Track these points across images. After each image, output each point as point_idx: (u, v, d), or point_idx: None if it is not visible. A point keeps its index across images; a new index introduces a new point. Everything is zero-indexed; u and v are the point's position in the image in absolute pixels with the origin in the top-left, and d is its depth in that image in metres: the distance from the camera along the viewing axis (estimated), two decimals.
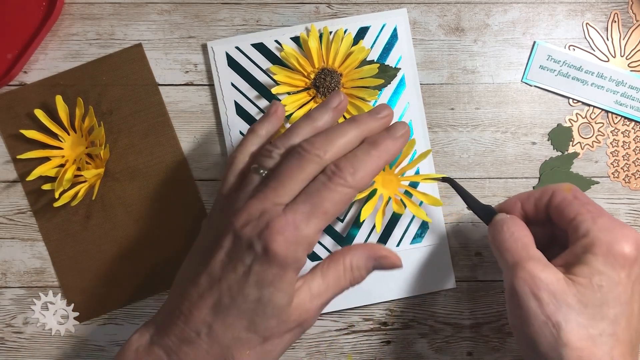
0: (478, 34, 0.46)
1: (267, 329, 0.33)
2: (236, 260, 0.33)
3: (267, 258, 0.32)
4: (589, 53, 0.46)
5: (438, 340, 0.46)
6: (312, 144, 0.34)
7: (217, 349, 0.33)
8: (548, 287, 0.34)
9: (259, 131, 0.38)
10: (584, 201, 0.37)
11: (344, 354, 0.46)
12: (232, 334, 0.33)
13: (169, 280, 0.46)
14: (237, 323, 0.33)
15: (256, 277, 0.33)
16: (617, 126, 0.46)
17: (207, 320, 0.33)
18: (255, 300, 0.33)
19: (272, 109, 0.39)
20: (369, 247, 0.37)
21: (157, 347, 0.34)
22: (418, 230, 0.46)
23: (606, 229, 0.35)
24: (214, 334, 0.33)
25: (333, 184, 0.33)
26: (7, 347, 0.46)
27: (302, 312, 0.34)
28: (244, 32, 0.46)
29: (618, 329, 0.34)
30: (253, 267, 0.33)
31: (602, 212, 0.36)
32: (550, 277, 0.34)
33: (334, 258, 0.36)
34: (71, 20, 0.46)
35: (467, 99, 0.46)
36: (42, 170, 0.44)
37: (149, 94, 0.46)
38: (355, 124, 0.36)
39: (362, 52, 0.44)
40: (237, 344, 0.33)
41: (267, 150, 0.36)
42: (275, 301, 0.33)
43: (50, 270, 0.46)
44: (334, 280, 0.35)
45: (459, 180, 0.46)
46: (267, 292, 0.33)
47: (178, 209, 0.46)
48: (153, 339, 0.34)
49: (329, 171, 0.34)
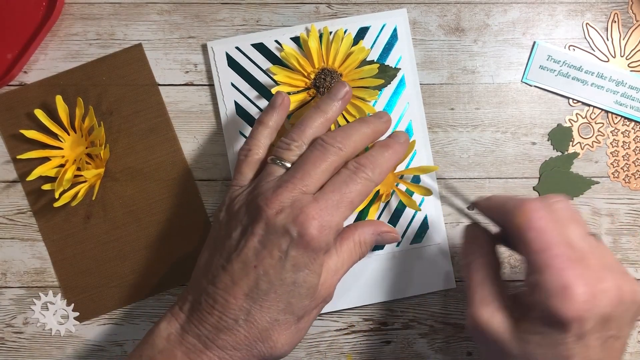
0: (478, 34, 0.46)
1: (302, 308, 0.36)
2: (271, 246, 0.35)
3: (303, 242, 0.35)
4: (589, 53, 0.46)
5: (438, 340, 0.46)
6: (333, 137, 0.38)
7: (255, 332, 0.35)
8: (494, 336, 0.34)
9: (268, 122, 0.40)
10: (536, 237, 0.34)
11: (344, 354, 0.46)
12: (270, 317, 0.35)
13: (169, 280, 0.46)
14: (275, 306, 0.35)
15: (293, 261, 0.35)
16: (617, 126, 0.46)
17: (244, 306, 0.35)
18: (291, 282, 0.35)
19: (277, 100, 0.41)
20: (372, 223, 0.40)
21: (190, 336, 0.35)
22: (418, 231, 0.46)
23: (549, 289, 0.32)
24: (252, 319, 0.35)
25: (358, 177, 0.37)
26: (7, 347, 0.46)
27: (326, 288, 0.37)
28: (244, 32, 0.46)
29: None
30: (290, 251, 0.35)
31: (551, 260, 0.33)
32: (495, 328, 0.34)
33: (344, 235, 0.39)
34: (71, 20, 0.46)
35: (467, 99, 0.46)
36: (42, 170, 0.44)
37: (149, 94, 0.46)
38: (366, 123, 0.39)
39: (362, 52, 0.44)
40: (275, 326, 0.35)
41: (284, 143, 0.39)
42: (309, 282, 0.36)
43: (50, 270, 0.46)
44: (348, 256, 0.38)
45: (459, 180, 0.46)
46: (303, 275, 0.35)
47: (178, 209, 0.46)
48: (184, 328, 0.36)
49: (352, 166, 0.37)
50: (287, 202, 0.35)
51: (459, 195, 0.45)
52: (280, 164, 0.38)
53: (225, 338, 0.35)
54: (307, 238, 0.35)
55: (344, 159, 0.38)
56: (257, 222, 0.36)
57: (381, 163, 0.38)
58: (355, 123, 0.39)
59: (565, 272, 0.32)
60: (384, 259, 0.45)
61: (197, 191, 0.46)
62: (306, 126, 0.39)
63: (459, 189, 0.46)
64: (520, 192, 0.46)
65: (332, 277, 0.38)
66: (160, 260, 0.46)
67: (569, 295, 0.32)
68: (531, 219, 0.34)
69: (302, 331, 0.37)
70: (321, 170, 0.37)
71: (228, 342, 0.35)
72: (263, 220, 0.35)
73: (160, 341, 0.36)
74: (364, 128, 0.39)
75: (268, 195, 0.36)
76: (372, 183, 0.37)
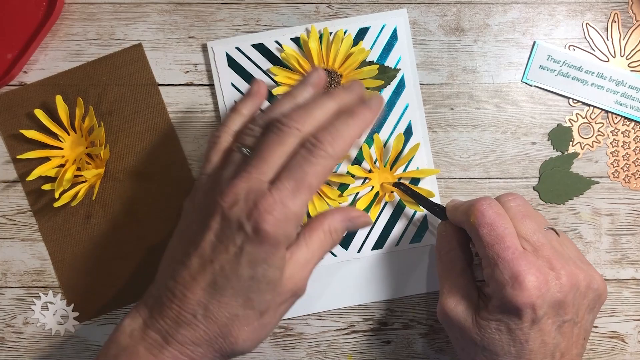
0: (478, 34, 0.46)
1: (263, 303, 0.34)
2: (227, 241, 0.33)
3: (258, 238, 0.33)
4: (589, 53, 0.46)
5: (438, 340, 0.46)
6: (290, 117, 0.35)
7: (214, 327, 0.34)
8: (458, 324, 0.38)
9: (241, 110, 0.39)
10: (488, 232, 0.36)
11: (344, 354, 0.46)
12: (229, 312, 0.34)
13: None
14: (233, 301, 0.34)
15: (249, 257, 0.33)
16: (617, 126, 0.46)
17: (202, 301, 0.34)
18: (249, 278, 0.33)
19: (254, 88, 0.40)
20: (341, 210, 0.38)
21: (152, 331, 0.34)
22: (418, 230, 0.46)
23: (502, 279, 0.35)
24: (211, 314, 0.34)
25: (314, 157, 0.34)
26: (7, 347, 0.46)
27: (294, 281, 0.35)
28: (244, 32, 0.46)
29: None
30: (245, 247, 0.33)
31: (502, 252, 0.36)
32: (459, 316, 0.38)
33: (313, 226, 0.37)
34: (71, 20, 0.46)
35: (467, 99, 0.46)
36: (42, 170, 0.44)
37: (149, 94, 0.46)
38: (331, 96, 0.36)
39: (361, 53, 0.44)
40: (235, 321, 0.34)
41: (248, 129, 0.37)
42: (269, 277, 0.34)
43: (50, 270, 0.46)
44: (318, 247, 0.36)
45: (459, 180, 0.46)
46: (261, 270, 0.33)
47: (178, 209, 0.46)
48: (147, 323, 0.35)
49: (308, 144, 0.34)
50: (242, 194, 0.33)
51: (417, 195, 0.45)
52: (243, 151, 0.36)
53: (184, 333, 0.34)
54: (262, 234, 0.33)
55: (304, 140, 0.35)
56: (213, 215, 0.34)
57: (344, 135, 0.34)
58: (318, 97, 0.36)
59: (515, 262, 0.35)
60: (383, 258, 0.45)
61: None
62: (272, 110, 0.37)
63: None
64: (520, 192, 0.46)
65: (301, 269, 0.35)
66: (160, 260, 0.46)
67: (519, 283, 0.35)
68: (483, 215, 0.37)
69: (268, 326, 0.35)
70: (278, 155, 0.34)
71: (188, 337, 0.34)
72: (218, 213, 0.34)
73: (124, 338, 0.35)
74: (329, 103, 0.36)
75: (223, 188, 0.34)
76: (332, 160, 0.34)
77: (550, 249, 0.36)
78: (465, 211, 0.38)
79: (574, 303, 0.36)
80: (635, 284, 0.46)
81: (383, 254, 0.46)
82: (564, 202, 0.46)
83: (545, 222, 0.39)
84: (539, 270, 0.35)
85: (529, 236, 0.37)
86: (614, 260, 0.46)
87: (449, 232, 0.41)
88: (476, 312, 0.37)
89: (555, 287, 0.35)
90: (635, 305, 0.46)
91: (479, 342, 0.37)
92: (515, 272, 0.35)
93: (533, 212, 0.39)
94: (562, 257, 0.37)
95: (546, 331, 0.35)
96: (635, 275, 0.46)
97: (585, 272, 0.37)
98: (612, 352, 0.46)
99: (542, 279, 0.35)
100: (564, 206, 0.46)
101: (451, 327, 0.39)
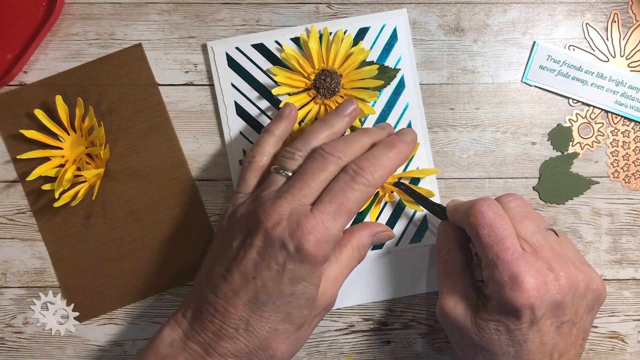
0: (478, 34, 0.46)
1: (301, 317, 0.36)
2: (269, 259, 0.35)
3: (300, 257, 0.35)
4: (589, 53, 0.46)
5: (438, 340, 0.46)
6: (334, 147, 0.38)
7: (255, 341, 0.36)
8: (457, 324, 0.38)
9: (274, 131, 0.41)
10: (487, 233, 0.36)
11: (344, 354, 0.46)
12: (269, 327, 0.36)
13: (169, 280, 0.46)
14: (274, 316, 0.36)
15: (290, 275, 0.35)
16: (617, 126, 0.46)
17: (244, 316, 0.35)
18: (289, 294, 0.36)
19: (286, 111, 0.42)
20: (367, 225, 0.41)
21: (192, 342, 0.36)
22: (417, 230, 0.46)
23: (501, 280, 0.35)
24: (252, 329, 0.36)
25: (356, 184, 0.36)
26: (7, 347, 0.46)
27: (327, 296, 0.38)
28: (244, 32, 0.46)
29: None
30: (287, 265, 0.35)
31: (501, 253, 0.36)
32: (458, 316, 0.38)
33: (342, 243, 0.39)
34: (71, 20, 0.46)
35: (467, 99, 0.46)
36: (42, 170, 0.44)
37: (149, 94, 0.46)
38: (367, 133, 0.40)
39: (361, 53, 0.44)
40: (275, 335, 0.36)
41: (289, 153, 0.39)
42: (307, 293, 0.36)
43: (50, 270, 0.46)
44: (347, 262, 0.39)
45: (459, 180, 0.46)
46: (300, 287, 0.36)
47: (178, 209, 0.46)
48: (187, 334, 0.36)
49: (350, 171, 0.37)
50: (285, 214, 0.35)
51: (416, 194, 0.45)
52: (283, 174, 0.38)
53: (226, 346, 0.35)
54: (304, 253, 0.35)
55: (345, 167, 0.37)
56: (256, 234, 0.36)
57: (383, 164, 0.37)
58: (356, 133, 0.40)
59: (515, 263, 0.35)
60: (383, 258, 0.45)
61: (197, 191, 0.46)
62: (311, 137, 0.39)
63: None
64: (520, 192, 0.46)
65: (332, 285, 0.38)
66: (160, 260, 0.46)
67: (518, 284, 0.35)
68: (483, 216, 0.37)
69: (302, 339, 0.38)
70: (320, 180, 0.37)
71: (229, 349, 0.35)
72: (261, 232, 0.36)
73: (164, 347, 0.36)
74: (366, 138, 0.39)
75: (267, 207, 0.36)
76: (371, 188, 0.37)
77: (549, 250, 0.37)
78: (465, 211, 0.38)
79: (572, 304, 0.36)
80: (635, 284, 0.46)
81: (383, 254, 0.46)
82: (563, 202, 0.46)
83: (545, 222, 0.39)
84: (538, 271, 0.35)
85: (528, 237, 0.37)
86: (614, 260, 0.46)
87: (449, 232, 0.41)
88: (475, 313, 0.37)
89: (554, 288, 0.35)
90: (635, 305, 0.46)
91: (478, 342, 0.37)
92: (514, 273, 0.35)
93: (533, 212, 0.39)
94: (561, 258, 0.37)
95: (545, 332, 0.35)
96: (635, 275, 0.46)
97: (585, 273, 0.37)
98: (612, 352, 0.46)
99: (541, 280, 0.35)
100: (563, 206, 0.46)
101: (450, 327, 0.39)
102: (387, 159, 0.38)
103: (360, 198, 0.36)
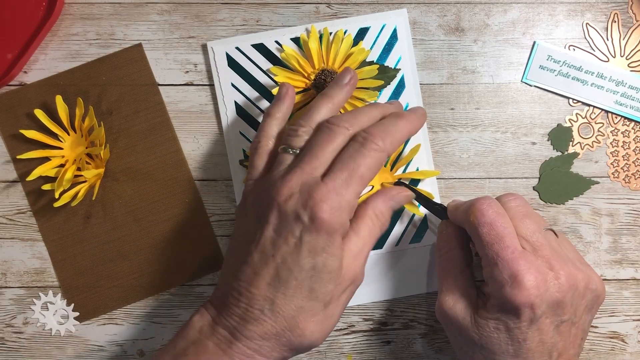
0: (478, 34, 0.46)
1: (326, 293, 0.35)
2: (285, 233, 0.35)
3: (315, 226, 0.34)
4: (589, 53, 0.46)
5: (438, 341, 0.46)
6: (340, 118, 0.37)
7: (281, 321, 0.35)
8: (457, 322, 0.38)
9: (275, 114, 0.41)
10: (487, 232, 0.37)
11: (344, 354, 0.46)
12: (295, 304, 0.35)
13: (169, 280, 0.46)
14: (298, 293, 0.35)
15: (308, 246, 0.35)
16: (617, 126, 0.46)
17: (268, 296, 0.35)
18: (310, 268, 0.35)
19: (282, 91, 0.41)
20: (380, 192, 0.40)
21: (220, 327, 0.36)
22: (418, 230, 0.46)
23: (501, 278, 0.36)
24: (277, 308, 0.35)
25: (366, 149, 0.36)
26: (7, 347, 0.46)
27: (351, 271, 0.36)
28: (244, 32, 0.46)
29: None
30: (303, 237, 0.35)
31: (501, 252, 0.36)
32: (458, 314, 0.38)
33: (358, 215, 0.38)
34: (71, 20, 0.46)
35: (467, 99, 0.46)
36: (42, 170, 0.44)
37: (149, 94, 0.46)
38: (376, 106, 0.39)
39: (361, 53, 0.44)
40: (301, 313, 0.35)
41: (292, 130, 0.38)
42: (329, 266, 0.35)
43: (50, 270, 0.46)
44: (368, 233, 0.38)
45: (459, 180, 0.46)
46: (321, 259, 0.35)
47: (178, 208, 0.46)
48: (215, 320, 0.36)
49: (360, 138, 0.36)
50: (296, 187, 0.35)
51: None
52: (290, 152, 0.38)
53: (252, 328, 0.35)
54: (318, 222, 0.34)
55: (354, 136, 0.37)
56: (270, 211, 0.36)
57: (393, 132, 0.37)
58: (364, 106, 0.39)
59: (515, 262, 0.35)
60: (383, 258, 0.45)
61: (197, 191, 0.46)
62: (313, 112, 0.39)
63: None
64: (520, 192, 0.46)
65: (355, 258, 0.37)
66: (160, 260, 0.46)
67: (518, 282, 0.35)
68: (483, 215, 0.37)
69: (332, 317, 0.37)
70: (329, 151, 0.36)
71: (256, 332, 0.35)
72: (275, 208, 0.35)
73: (194, 333, 0.36)
74: (374, 111, 0.39)
75: (277, 184, 0.36)
76: (383, 153, 0.36)
77: (549, 249, 0.37)
78: (466, 210, 0.38)
79: (572, 303, 0.36)
80: (635, 284, 0.46)
81: (383, 254, 0.46)
82: (563, 202, 0.46)
83: (544, 222, 0.39)
84: (538, 270, 0.35)
85: (528, 236, 0.37)
86: (614, 260, 0.46)
87: (449, 231, 0.41)
88: (475, 311, 0.37)
89: (553, 287, 0.35)
90: (635, 305, 0.46)
91: (477, 340, 0.37)
92: (514, 271, 0.35)
93: (533, 212, 0.39)
94: (561, 257, 0.37)
95: (544, 331, 0.36)
96: (635, 275, 0.46)
97: (584, 272, 0.37)
98: (612, 352, 0.46)
99: (540, 278, 0.35)
100: (564, 206, 0.46)
101: (450, 325, 0.39)
102: (397, 128, 0.37)
103: (372, 164, 0.36)
